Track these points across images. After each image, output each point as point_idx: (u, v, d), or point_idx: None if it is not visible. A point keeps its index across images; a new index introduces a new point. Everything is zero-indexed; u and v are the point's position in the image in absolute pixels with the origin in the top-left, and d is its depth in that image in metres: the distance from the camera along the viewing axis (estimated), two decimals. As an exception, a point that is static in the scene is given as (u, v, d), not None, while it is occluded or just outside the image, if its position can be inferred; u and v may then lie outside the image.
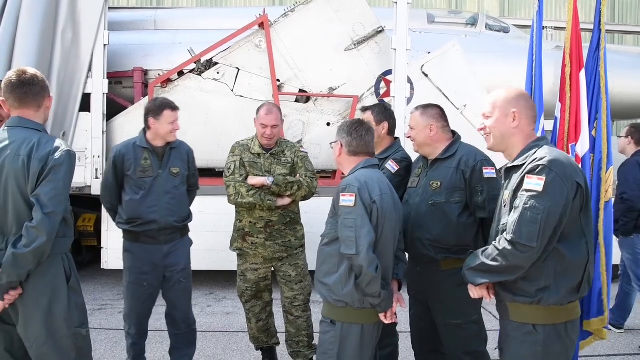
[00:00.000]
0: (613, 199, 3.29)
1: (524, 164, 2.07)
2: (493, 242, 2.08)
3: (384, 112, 3.21)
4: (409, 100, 5.45)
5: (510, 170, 2.16)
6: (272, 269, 3.47)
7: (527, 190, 1.98)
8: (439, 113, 2.84)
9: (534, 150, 2.08)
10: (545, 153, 2.03)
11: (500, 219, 2.14)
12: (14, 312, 2.30)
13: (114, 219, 3.35)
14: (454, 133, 2.87)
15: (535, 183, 1.97)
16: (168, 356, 3.47)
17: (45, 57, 5.12)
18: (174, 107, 3.23)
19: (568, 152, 2.88)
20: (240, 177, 3.30)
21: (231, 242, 3.48)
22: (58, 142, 2.31)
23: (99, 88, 5.32)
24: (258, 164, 3.36)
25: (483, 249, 2.13)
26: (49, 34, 5.16)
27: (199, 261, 3.68)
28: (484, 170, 2.68)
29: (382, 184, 2.39)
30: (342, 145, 2.48)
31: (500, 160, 2.40)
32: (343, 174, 2.55)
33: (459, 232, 2.66)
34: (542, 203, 1.94)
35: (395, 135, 3.28)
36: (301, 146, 3.58)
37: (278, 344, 3.63)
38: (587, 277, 2.07)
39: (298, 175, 3.38)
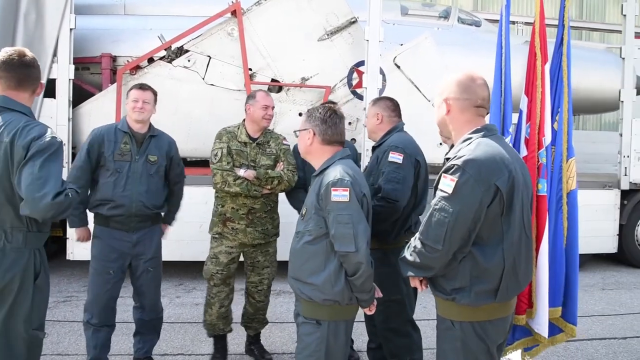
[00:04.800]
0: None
1: (455, 157, 1.93)
2: (412, 238, 2.04)
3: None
4: (381, 92, 5.47)
5: (447, 162, 1.99)
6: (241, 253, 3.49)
7: (440, 190, 1.89)
8: (389, 105, 3.02)
9: (466, 143, 1.95)
10: (468, 150, 1.89)
11: None
12: None
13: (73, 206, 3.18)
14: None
15: (447, 184, 1.86)
16: (134, 349, 3.41)
17: (7, 40, 4.92)
18: (140, 86, 3.30)
19: (541, 146, 2.82)
20: (227, 164, 3.31)
21: (210, 227, 3.49)
22: (45, 129, 2.15)
23: (64, 74, 5.16)
24: (244, 153, 3.39)
25: (410, 241, 2.08)
26: (11, 15, 4.97)
27: (168, 252, 3.64)
28: (390, 155, 2.81)
29: (361, 176, 2.33)
30: (314, 133, 2.31)
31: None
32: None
33: (375, 216, 2.63)
34: (451, 205, 1.84)
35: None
36: (284, 138, 3.58)
37: (231, 331, 3.65)
38: (510, 283, 1.92)
39: (278, 167, 3.39)
